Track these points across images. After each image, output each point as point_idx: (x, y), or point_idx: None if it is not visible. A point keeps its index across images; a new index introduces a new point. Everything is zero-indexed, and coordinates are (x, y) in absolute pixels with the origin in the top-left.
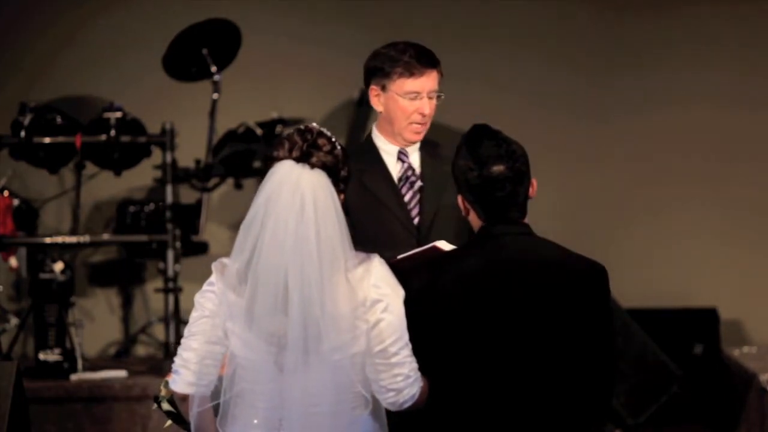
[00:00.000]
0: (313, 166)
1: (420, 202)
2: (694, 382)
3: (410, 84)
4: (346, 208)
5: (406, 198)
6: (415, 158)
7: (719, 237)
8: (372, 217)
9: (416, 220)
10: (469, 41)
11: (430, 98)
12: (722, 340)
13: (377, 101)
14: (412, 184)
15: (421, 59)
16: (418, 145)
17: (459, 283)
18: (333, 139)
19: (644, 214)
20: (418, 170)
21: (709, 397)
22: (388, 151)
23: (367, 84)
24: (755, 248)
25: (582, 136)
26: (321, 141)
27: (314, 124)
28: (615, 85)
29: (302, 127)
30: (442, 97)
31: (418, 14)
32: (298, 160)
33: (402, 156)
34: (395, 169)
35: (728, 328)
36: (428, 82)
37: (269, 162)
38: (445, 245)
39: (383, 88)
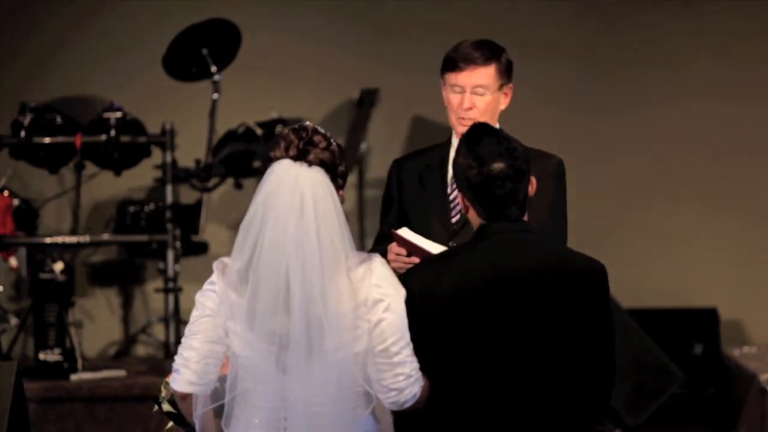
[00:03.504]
0: (310, 163)
1: None
2: (694, 382)
3: (453, 77)
4: (405, 207)
5: (452, 195)
6: None
7: (719, 237)
8: (420, 213)
9: (455, 218)
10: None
11: (476, 94)
12: (722, 340)
13: (444, 94)
14: None
15: (467, 54)
16: None
17: (459, 282)
18: (328, 136)
19: (644, 214)
20: None
21: (709, 397)
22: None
23: None
24: (755, 248)
25: (583, 135)
26: (317, 138)
27: (308, 123)
28: (616, 83)
29: (297, 126)
30: (498, 90)
31: (418, 13)
32: (295, 158)
33: None
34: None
35: (728, 328)
36: (470, 77)
37: (268, 163)
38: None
39: (444, 81)
